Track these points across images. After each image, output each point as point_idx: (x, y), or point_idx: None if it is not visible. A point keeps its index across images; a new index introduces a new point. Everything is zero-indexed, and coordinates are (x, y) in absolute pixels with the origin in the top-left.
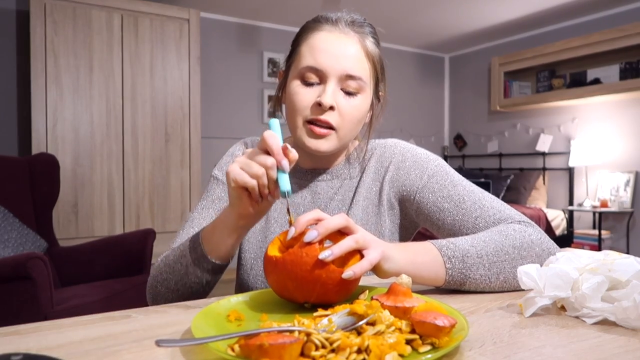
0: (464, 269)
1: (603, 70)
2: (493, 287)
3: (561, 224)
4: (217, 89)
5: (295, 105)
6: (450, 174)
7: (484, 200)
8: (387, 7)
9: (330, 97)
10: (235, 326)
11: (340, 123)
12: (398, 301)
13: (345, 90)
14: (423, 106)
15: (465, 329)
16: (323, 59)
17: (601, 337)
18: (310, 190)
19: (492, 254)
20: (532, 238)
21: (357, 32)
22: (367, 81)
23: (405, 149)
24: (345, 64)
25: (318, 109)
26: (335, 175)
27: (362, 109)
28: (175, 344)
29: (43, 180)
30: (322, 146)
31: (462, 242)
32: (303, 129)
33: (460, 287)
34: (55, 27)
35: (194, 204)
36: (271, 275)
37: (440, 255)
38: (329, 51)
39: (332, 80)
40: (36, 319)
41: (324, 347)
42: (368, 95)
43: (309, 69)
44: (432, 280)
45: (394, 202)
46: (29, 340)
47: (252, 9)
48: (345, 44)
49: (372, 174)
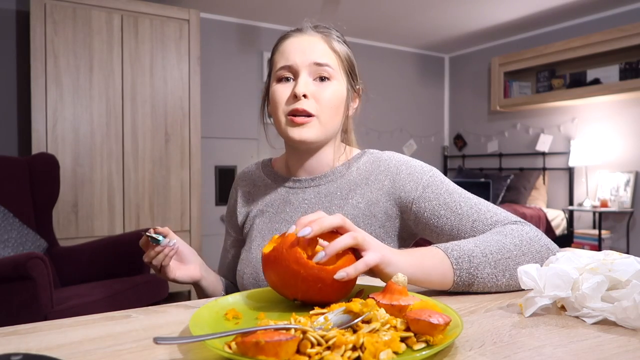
0: (471, 269)
1: (603, 71)
2: (500, 285)
3: (561, 224)
4: (217, 89)
5: (275, 102)
6: (445, 183)
7: (479, 205)
8: (387, 7)
9: (303, 86)
10: (232, 324)
11: (318, 109)
12: (394, 299)
13: (319, 77)
14: (423, 106)
15: (459, 327)
16: (292, 56)
17: (601, 337)
18: (298, 197)
19: (496, 252)
20: (529, 236)
21: (321, 32)
22: (335, 69)
23: (399, 162)
24: (311, 56)
25: (295, 100)
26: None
27: (338, 94)
28: (173, 342)
29: (43, 180)
30: (306, 134)
31: (465, 243)
32: (285, 122)
33: (469, 289)
34: (55, 27)
35: (194, 203)
36: (264, 271)
37: (446, 257)
38: (297, 49)
39: (303, 71)
40: (36, 319)
41: (320, 344)
42: (341, 83)
43: (282, 68)
44: (440, 283)
45: (391, 214)
46: (29, 340)
47: (252, 9)
48: (311, 42)
49: (367, 187)
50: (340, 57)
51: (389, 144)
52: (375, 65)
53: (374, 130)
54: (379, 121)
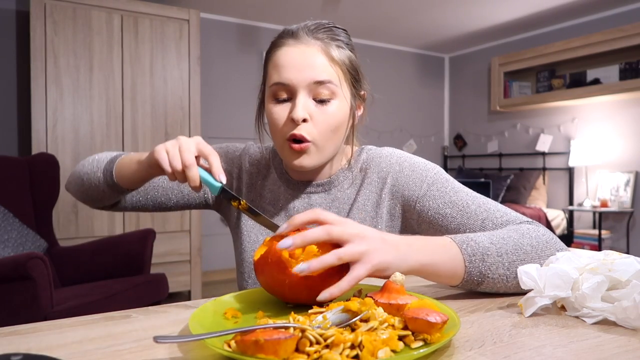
0: (484, 268)
1: (603, 71)
2: (509, 287)
3: (561, 224)
4: (217, 89)
5: (273, 126)
6: (451, 181)
7: (488, 204)
8: (387, 7)
9: (301, 110)
10: (232, 323)
11: (315, 135)
12: (392, 298)
13: (318, 99)
14: (423, 106)
15: (457, 326)
16: (287, 74)
17: (601, 337)
18: (303, 202)
19: (512, 252)
20: (546, 238)
21: (319, 39)
22: (337, 84)
23: (402, 159)
24: (310, 73)
25: (292, 124)
26: (331, 187)
27: (338, 116)
28: (173, 340)
29: (43, 180)
30: (304, 162)
31: (482, 238)
32: (284, 148)
33: (477, 288)
34: (55, 28)
35: None
36: (257, 275)
37: (460, 253)
38: (292, 65)
39: (301, 92)
40: (36, 319)
41: (318, 343)
42: (343, 99)
43: (277, 86)
44: (447, 280)
45: (394, 212)
46: (29, 340)
47: (252, 9)
48: (308, 55)
49: (370, 186)
50: (342, 68)
51: (389, 144)
52: (375, 65)
53: (374, 130)
54: (379, 121)
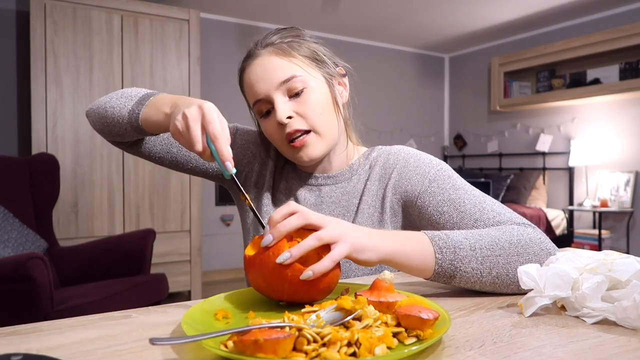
0: (455, 261)
1: (603, 71)
2: (484, 283)
3: (561, 224)
4: (217, 89)
5: (270, 137)
6: (453, 178)
7: (484, 204)
8: (387, 7)
9: (281, 112)
10: (223, 324)
11: (309, 122)
12: (381, 296)
13: (292, 94)
14: (423, 106)
15: (448, 322)
16: (257, 89)
17: (601, 336)
18: (314, 194)
19: (486, 248)
20: (530, 237)
21: (269, 45)
22: (303, 73)
23: (408, 155)
24: (274, 78)
25: (282, 127)
26: (340, 181)
27: (318, 96)
28: (170, 342)
29: (43, 180)
30: (310, 153)
31: (456, 234)
32: (288, 151)
33: (450, 281)
34: (55, 27)
35: (194, 203)
36: (247, 274)
37: (430, 245)
38: (257, 79)
39: (276, 97)
40: (36, 319)
41: (316, 341)
42: (316, 82)
43: (257, 103)
44: (419, 271)
45: (397, 208)
46: (29, 341)
47: (252, 9)
48: (266, 63)
49: (377, 181)
50: (301, 58)
51: (389, 144)
52: (375, 65)
53: (374, 130)
54: (379, 121)
